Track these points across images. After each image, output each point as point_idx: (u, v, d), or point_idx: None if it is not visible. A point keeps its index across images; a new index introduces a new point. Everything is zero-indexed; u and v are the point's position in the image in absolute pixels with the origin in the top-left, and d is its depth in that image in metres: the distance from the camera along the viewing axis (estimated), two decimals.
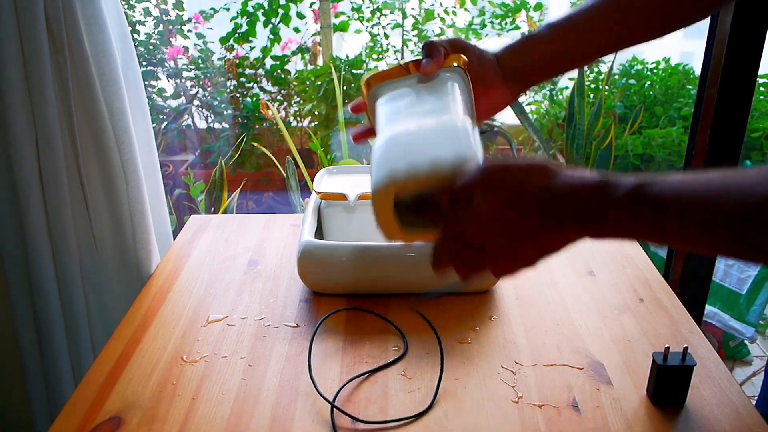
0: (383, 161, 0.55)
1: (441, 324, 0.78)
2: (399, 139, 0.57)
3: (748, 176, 0.40)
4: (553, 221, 0.46)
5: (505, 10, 2.40)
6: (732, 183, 0.40)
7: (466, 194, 0.49)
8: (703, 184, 0.41)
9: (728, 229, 0.40)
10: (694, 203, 0.41)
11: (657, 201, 0.42)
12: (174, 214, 1.69)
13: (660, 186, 0.42)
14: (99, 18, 0.87)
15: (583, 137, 2.20)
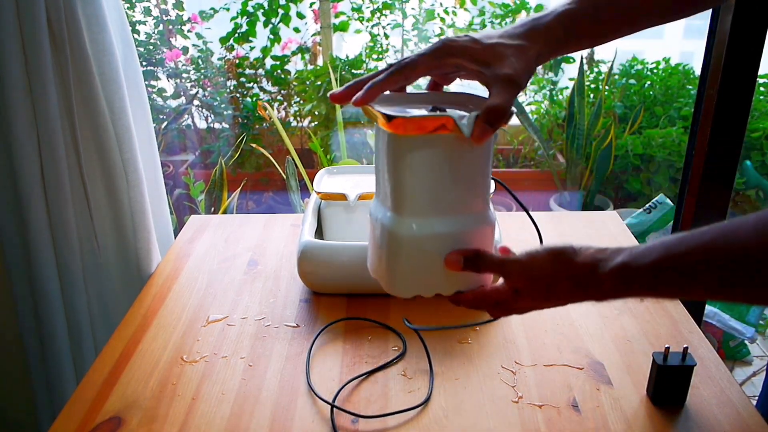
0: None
1: (441, 324, 0.78)
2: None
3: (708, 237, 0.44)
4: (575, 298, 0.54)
5: (505, 10, 2.40)
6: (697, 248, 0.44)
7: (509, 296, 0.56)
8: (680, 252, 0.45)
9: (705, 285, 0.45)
10: (671, 274, 0.46)
11: (641, 278, 0.47)
12: (174, 214, 1.69)
13: (639, 263, 0.47)
14: (100, 17, 0.87)
15: (583, 137, 2.20)
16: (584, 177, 2.29)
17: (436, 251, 0.54)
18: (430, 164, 0.52)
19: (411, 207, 0.54)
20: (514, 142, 2.50)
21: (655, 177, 2.24)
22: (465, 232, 0.55)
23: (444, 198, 0.54)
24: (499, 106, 0.50)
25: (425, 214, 0.54)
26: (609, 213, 1.08)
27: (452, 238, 0.54)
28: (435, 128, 0.50)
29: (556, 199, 2.31)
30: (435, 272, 0.55)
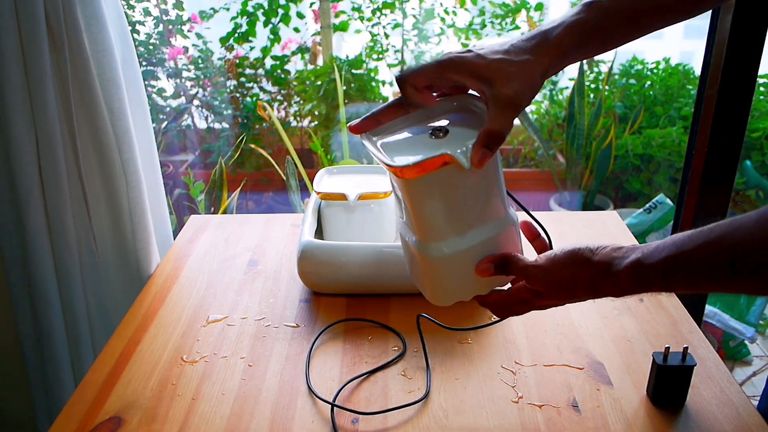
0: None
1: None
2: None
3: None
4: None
5: (505, 10, 2.40)
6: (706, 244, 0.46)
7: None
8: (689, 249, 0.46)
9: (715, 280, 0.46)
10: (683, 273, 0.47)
11: (653, 274, 0.48)
12: (174, 214, 1.69)
13: (653, 259, 0.48)
14: (99, 18, 0.87)
15: (583, 137, 2.20)
16: (584, 177, 2.29)
17: (465, 264, 0.57)
18: (441, 195, 0.54)
19: (432, 234, 0.56)
20: (514, 142, 2.50)
21: (655, 177, 2.24)
22: (489, 240, 0.57)
23: (463, 218, 0.55)
24: (495, 131, 0.50)
25: (447, 236, 0.56)
26: (609, 213, 1.08)
27: (477, 250, 0.57)
28: (437, 167, 0.51)
29: (556, 199, 2.31)
30: (468, 281, 0.59)
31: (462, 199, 0.54)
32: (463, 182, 0.53)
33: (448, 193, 0.53)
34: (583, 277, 0.53)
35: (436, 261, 0.56)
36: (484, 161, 0.50)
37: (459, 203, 0.54)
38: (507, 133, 0.51)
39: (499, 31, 2.44)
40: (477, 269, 0.58)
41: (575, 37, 0.54)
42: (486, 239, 0.56)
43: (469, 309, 0.81)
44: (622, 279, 0.50)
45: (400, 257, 0.81)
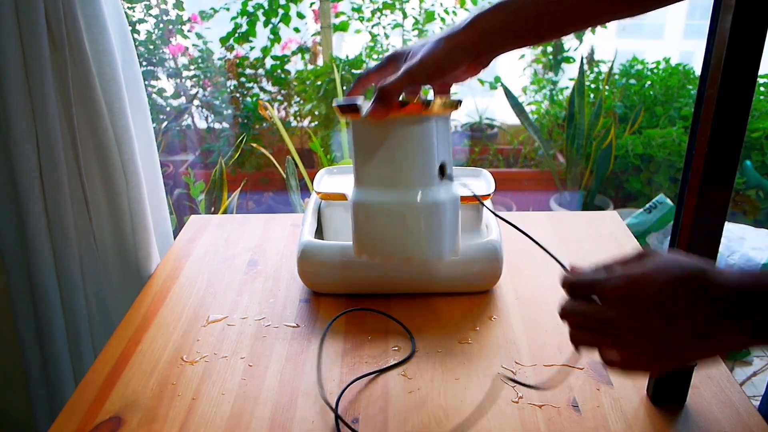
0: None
1: (441, 324, 0.78)
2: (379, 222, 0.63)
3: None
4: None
5: None
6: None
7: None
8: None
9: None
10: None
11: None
12: (174, 214, 1.69)
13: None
14: (99, 18, 0.87)
15: (583, 137, 2.20)
16: (584, 177, 2.29)
17: (381, 218, 0.62)
18: (364, 143, 0.62)
19: (360, 177, 0.64)
20: (514, 142, 2.50)
21: (655, 177, 2.24)
22: (409, 204, 0.61)
23: (384, 171, 0.62)
24: (382, 87, 0.56)
25: (372, 185, 0.63)
26: (609, 213, 1.08)
27: (396, 209, 0.61)
28: (352, 116, 0.61)
29: (556, 199, 2.31)
30: (385, 238, 0.63)
31: (387, 152, 0.61)
32: (378, 136, 0.60)
33: (370, 143, 0.61)
34: (702, 308, 0.41)
35: (354, 206, 0.64)
36: (376, 115, 0.57)
37: (380, 155, 0.61)
38: (395, 90, 0.56)
39: None
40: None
41: (501, 17, 0.55)
42: (404, 202, 0.61)
43: (470, 309, 0.81)
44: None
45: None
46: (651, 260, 0.45)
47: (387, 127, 0.59)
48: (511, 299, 0.83)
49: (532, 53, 2.49)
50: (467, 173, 0.92)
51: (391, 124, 0.59)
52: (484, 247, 0.81)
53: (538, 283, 0.87)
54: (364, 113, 0.58)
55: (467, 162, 2.41)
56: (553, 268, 0.90)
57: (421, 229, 0.61)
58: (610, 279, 0.45)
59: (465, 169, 0.93)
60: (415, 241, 0.61)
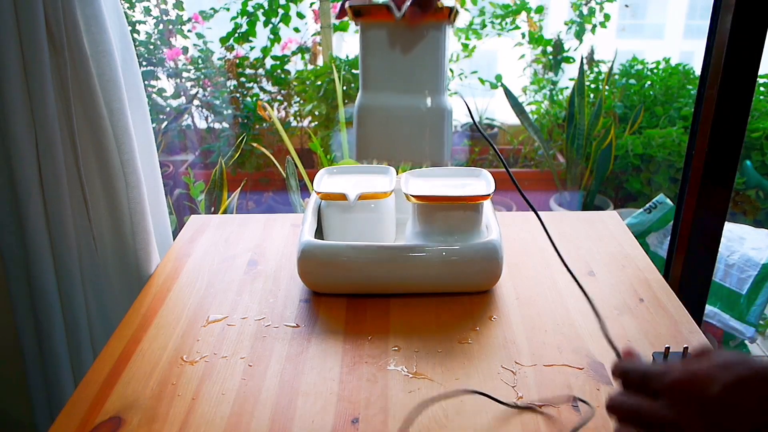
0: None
1: (441, 324, 0.78)
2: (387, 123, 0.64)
3: None
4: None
5: (505, 10, 2.40)
6: None
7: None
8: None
9: None
10: None
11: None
12: (174, 214, 1.69)
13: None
14: (99, 18, 0.87)
15: (583, 137, 2.20)
16: (584, 177, 2.29)
17: (390, 123, 0.65)
18: (382, 46, 0.63)
19: (368, 82, 0.65)
20: (514, 142, 2.50)
21: (655, 177, 2.24)
22: (415, 107, 0.64)
23: (395, 76, 0.63)
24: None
25: (381, 89, 0.64)
26: (609, 213, 1.08)
27: (405, 112, 0.64)
28: (382, 15, 0.61)
29: (556, 199, 2.31)
30: (392, 141, 0.65)
31: (398, 55, 0.63)
32: (400, 40, 0.62)
33: (386, 44, 0.62)
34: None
35: (361, 109, 0.65)
36: (412, 17, 0.59)
37: (394, 59, 0.63)
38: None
39: (499, 31, 2.44)
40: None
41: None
42: (412, 106, 0.64)
43: (470, 309, 0.81)
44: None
45: (401, 257, 0.81)
46: (714, 358, 0.42)
47: (406, 32, 0.61)
48: (511, 299, 0.83)
49: (532, 53, 2.49)
50: (467, 173, 0.92)
51: (409, 29, 0.61)
52: (484, 247, 0.81)
53: (538, 283, 0.87)
54: (400, 15, 0.59)
55: (467, 162, 2.41)
56: (553, 268, 0.90)
57: (427, 133, 0.64)
58: (669, 371, 0.42)
59: (465, 169, 0.93)
60: (420, 145, 0.64)
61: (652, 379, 0.43)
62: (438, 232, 0.84)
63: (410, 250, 0.81)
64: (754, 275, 1.59)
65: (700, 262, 1.12)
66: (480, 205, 0.85)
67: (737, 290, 1.61)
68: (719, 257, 1.61)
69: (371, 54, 0.64)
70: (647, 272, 0.90)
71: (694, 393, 0.40)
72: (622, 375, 0.46)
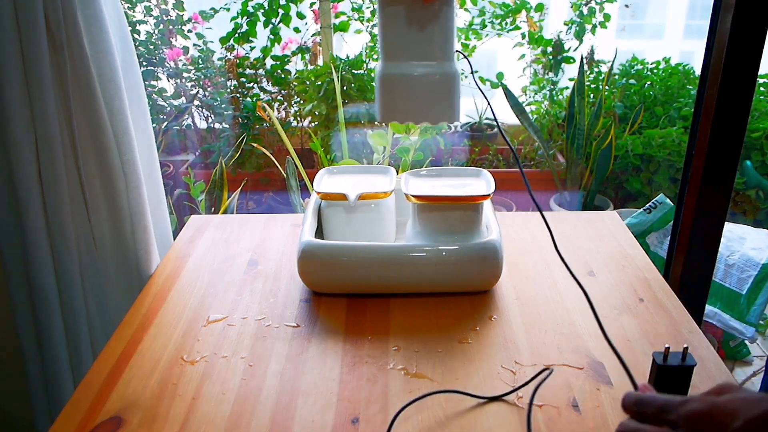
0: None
1: (441, 324, 0.78)
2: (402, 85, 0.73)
3: None
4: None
5: (505, 10, 2.40)
6: None
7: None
8: None
9: None
10: None
11: None
12: (174, 214, 1.70)
13: None
14: (99, 18, 0.87)
15: (583, 137, 2.20)
16: (584, 177, 2.29)
17: (407, 88, 0.73)
18: (399, 20, 0.71)
19: (389, 53, 0.73)
20: (514, 142, 2.50)
21: (655, 177, 2.24)
22: (428, 75, 0.72)
23: (411, 47, 0.72)
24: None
25: (401, 59, 0.73)
26: (609, 213, 1.08)
27: (421, 78, 0.72)
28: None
29: (556, 199, 2.31)
30: (413, 105, 0.73)
31: (415, 27, 0.71)
32: (415, 13, 0.70)
33: (403, 21, 0.71)
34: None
35: (383, 77, 0.73)
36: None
37: (411, 31, 0.71)
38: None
39: (499, 31, 2.44)
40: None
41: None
42: (428, 73, 0.72)
43: (470, 309, 0.81)
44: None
45: (401, 257, 0.81)
46: (735, 393, 0.41)
47: (420, 7, 0.70)
48: (511, 299, 0.83)
49: (532, 53, 2.49)
50: (467, 173, 0.92)
51: (423, 5, 0.70)
52: (484, 247, 0.81)
53: (538, 283, 0.87)
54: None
55: (467, 162, 2.41)
56: (553, 268, 0.90)
57: (443, 96, 0.73)
58: (688, 403, 0.41)
59: (465, 169, 0.93)
60: (435, 106, 0.73)
61: (671, 408, 0.42)
62: (438, 232, 0.84)
63: (410, 250, 0.81)
64: (754, 275, 1.59)
65: (700, 262, 1.12)
66: (480, 205, 0.85)
67: (737, 290, 1.61)
68: (719, 257, 1.61)
69: (390, 27, 0.72)
70: (647, 272, 0.90)
71: (714, 425, 0.39)
72: (637, 404, 0.44)
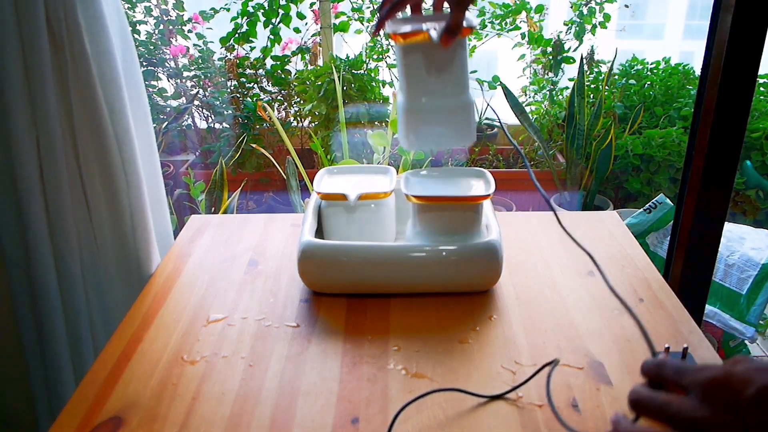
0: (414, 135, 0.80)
1: (441, 324, 0.78)
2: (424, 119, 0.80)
3: None
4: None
5: (505, 10, 2.41)
6: None
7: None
8: None
9: None
10: None
11: None
12: (174, 214, 1.70)
13: None
14: (100, 18, 0.87)
15: (583, 137, 2.21)
16: (584, 177, 2.29)
17: (429, 120, 0.80)
18: (419, 59, 0.78)
19: (413, 91, 0.79)
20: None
21: (655, 177, 2.24)
22: (445, 107, 0.80)
23: (430, 82, 0.79)
24: (452, 22, 0.73)
25: (423, 94, 0.79)
26: (609, 213, 1.08)
27: (441, 110, 0.80)
28: (421, 38, 0.76)
29: (556, 199, 2.31)
30: (433, 132, 0.81)
31: (435, 70, 0.78)
32: (434, 56, 0.77)
33: (422, 60, 0.77)
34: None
35: (406, 111, 0.80)
36: (447, 41, 0.73)
37: (432, 71, 0.78)
38: (461, 22, 0.73)
39: (499, 31, 2.44)
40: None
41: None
42: (447, 106, 0.79)
43: (470, 309, 0.81)
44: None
45: (401, 257, 0.81)
46: (750, 364, 0.41)
47: (439, 48, 0.75)
48: (511, 299, 0.83)
49: (532, 53, 2.50)
50: (467, 173, 0.92)
51: (440, 49, 0.76)
52: (484, 247, 0.81)
53: (538, 283, 0.87)
54: (435, 39, 0.74)
55: (467, 162, 2.41)
56: (552, 268, 0.90)
57: (462, 123, 0.80)
58: (705, 369, 0.42)
59: (465, 169, 0.93)
60: (453, 133, 0.80)
61: (686, 374, 0.43)
62: (438, 232, 0.84)
63: (410, 250, 0.81)
64: (754, 275, 1.59)
65: (700, 262, 1.12)
66: (480, 205, 0.85)
67: (737, 290, 1.61)
68: (719, 257, 1.61)
69: (411, 67, 0.78)
70: (647, 272, 0.90)
71: (730, 391, 0.39)
72: (658, 365, 0.45)
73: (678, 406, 0.42)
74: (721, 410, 0.39)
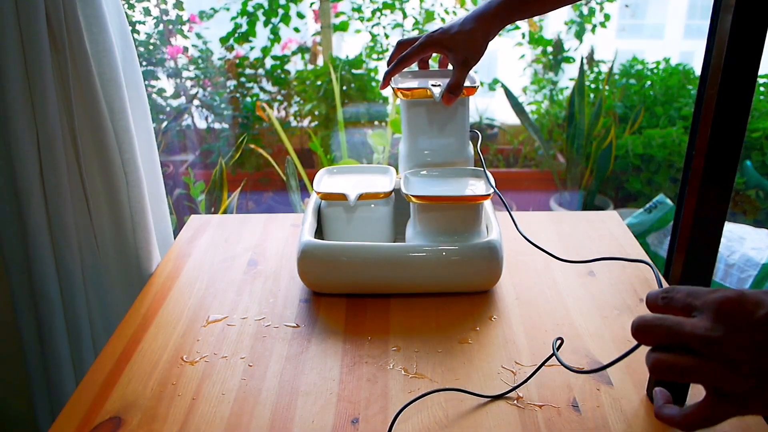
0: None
1: (441, 324, 0.78)
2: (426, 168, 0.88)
3: None
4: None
5: None
6: None
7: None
8: None
9: None
10: None
11: None
12: (174, 214, 1.70)
13: None
14: (100, 17, 0.87)
15: (583, 137, 2.21)
16: (584, 177, 2.29)
17: (428, 163, 0.90)
18: (421, 113, 0.87)
19: (414, 141, 0.89)
20: (514, 142, 2.50)
21: (655, 177, 2.24)
22: (449, 161, 0.89)
23: (432, 132, 0.88)
24: (454, 83, 0.80)
25: (421, 142, 0.89)
26: (609, 213, 1.08)
27: (439, 157, 0.89)
28: (423, 95, 0.84)
29: (556, 199, 2.31)
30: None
31: (437, 125, 0.87)
32: (437, 112, 0.86)
33: (427, 117, 0.86)
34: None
35: (407, 156, 0.89)
36: (450, 101, 0.81)
37: (434, 124, 0.87)
38: (462, 83, 0.80)
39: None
40: None
41: (511, 7, 0.80)
42: (446, 161, 0.89)
43: (470, 309, 0.81)
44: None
45: (401, 257, 0.81)
46: (760, 291, 0.42)
47: (440, 106, 0.84)
48: (511, 299, 0.83)
49: (532, 53, 2.50)
50: (467, 173, 0.92)
51: (442, 106, 0.84)
52: (484, 247, 0.81)
53: (538, 283, 0.87)
54: (437, 97, 0.81)
55: None
56: (553, 267, 0.90)
57: (460, 162, 0.89)
58: (717, 291, 0.42)
59: (465, 169, 0.93)
60: (455, 164, 0.89)
61: (698, 295, 0.43)
62: (438, 232, 0.84)
63: (410, 250, 0.81)
64: (754, 275, 1.59)
65: (700, 262, 1.12)
66: (480, 205, 0.85)
67: None
68: (719, 257, 1.61)
69: (414, 120, 0.87)
70: (647, 272, 0.90)
71: (741, 312, 0.40)
72: (666, 291, 0.45)
73: (691, 325, 0.41)
74: (733, 330, 0.40)
